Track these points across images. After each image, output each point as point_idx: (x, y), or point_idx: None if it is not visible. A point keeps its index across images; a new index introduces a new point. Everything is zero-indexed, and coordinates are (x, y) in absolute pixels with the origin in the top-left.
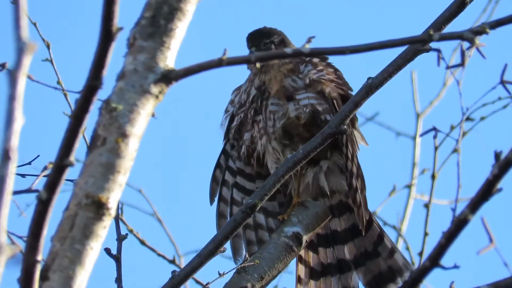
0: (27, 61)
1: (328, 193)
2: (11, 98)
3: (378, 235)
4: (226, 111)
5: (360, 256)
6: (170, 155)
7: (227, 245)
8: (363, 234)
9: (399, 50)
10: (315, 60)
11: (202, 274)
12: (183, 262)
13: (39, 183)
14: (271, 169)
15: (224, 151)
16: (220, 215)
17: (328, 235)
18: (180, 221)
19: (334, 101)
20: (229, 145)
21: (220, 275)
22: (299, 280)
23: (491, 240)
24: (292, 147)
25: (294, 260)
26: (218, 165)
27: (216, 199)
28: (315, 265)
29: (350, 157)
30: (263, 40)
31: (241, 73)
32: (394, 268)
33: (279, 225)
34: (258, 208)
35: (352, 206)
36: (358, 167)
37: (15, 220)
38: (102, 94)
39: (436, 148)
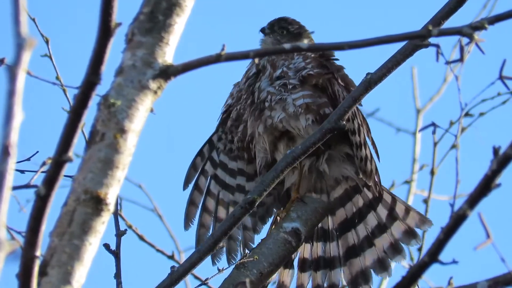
0: (26, 56)
1: (331, 182)
2: (11, 93)
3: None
4: (225, 103)
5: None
6: (170, 151)
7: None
8: (378, 197)
9: (398, 45)
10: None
11: (201, 270)
12: (183, 258)
13: (38, 178)
14: (258, 158)
15: (209, 141)
16: (191, 203)
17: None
18: (180, 216)
19: (335, 92)
20: (216, 136)
21: (219, 270)
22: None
23: (488, 236)
24: (282, 142)
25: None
26: (200, 153)
27: (191, 186)
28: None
29: (360, 143)
30: (280, 24)
31: (241, 68)
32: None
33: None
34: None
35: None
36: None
37: (15, 216)
38: (101, 89)
39: (435, 144)
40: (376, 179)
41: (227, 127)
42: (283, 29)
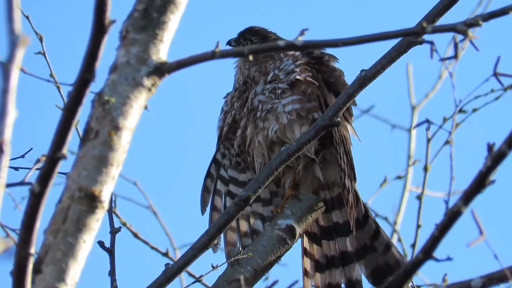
0: (20, 54)
1: (327, 185)
2: (4, 91)
3: (374, 230)
4: (219, 118)
5: (361, 248)
6: (166, 148)
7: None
8: (353, 234)
9: (393, 42)
10: (296, 53)
11: (195, 267)
12: (178, 255)
13: (32, 176)
14: (256, 162)
15: (214, 160)
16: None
17: (331, 228)
18: (175, 214)
19: (319, 98)
20: (220, 154)
21: (213, 267)
22: (305, 273)
23: (481, 233)
24: (278, 146)
25: (297, 254)
26: (208, 175)
27: (208, 208)
28: (319, 257)
29: (342, 155)
30: (245, 35)
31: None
32: (390, 263)
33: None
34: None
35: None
36: (351, 165)
37: (10, 213)
38: (95, 86)
39: (428, 140)
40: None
41: (224, 134)
42: (248, 41)
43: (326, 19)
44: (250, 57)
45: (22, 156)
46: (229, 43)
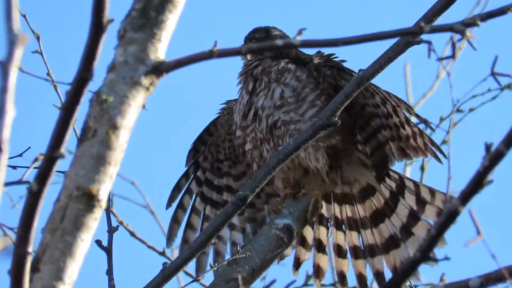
0: (18, 53)
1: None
2: (3, 90)
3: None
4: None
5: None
6: (163, 147)
7: None
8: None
9: (391, 42)
10: (291, 67)
11: (193, 266)
12: (175, 254)
13: (30, 174)
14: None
15: (195, 162)
16: (174, 221)
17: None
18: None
19: None
20: (202, 157)
21: (211, 267)
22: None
23: (478, 232)
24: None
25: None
26: (185, 174)
27: (176, 205)
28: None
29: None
30: (250, 36)
31: (232, 65)
32: None
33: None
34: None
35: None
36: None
37: (8, 212)
38: (93, 86)
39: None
40: (435, 149)
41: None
42: (253, 40)
43: (324, 19)
44: (248, 56)
45: (20, 155)
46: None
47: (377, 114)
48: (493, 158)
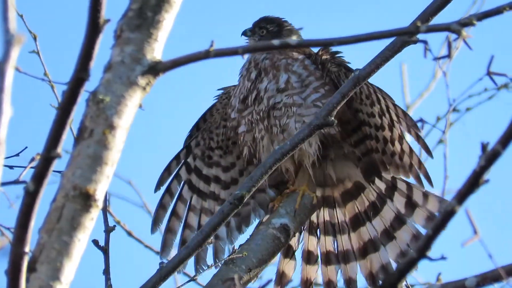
0: (15, 53)
1: (337, 181)
2: None
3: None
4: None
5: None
6: (160, 147)
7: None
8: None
9: (387, 42)
10: (307, 62)
11: (189, 266)
12: (173, 254)
13: (27, 174)
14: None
15: (187, 146)
16: (161, 206)
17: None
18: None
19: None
20: (194, 141)
21: (208, 266)
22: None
23: (475, 232)
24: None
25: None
26: (176, 157)
27: (164, 189)
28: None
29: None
30: (260, 24)
31: (230, 65)
32: None
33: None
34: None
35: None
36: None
37: (4, 212)
38: (89, 85)
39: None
40: (421, 173)
41: (211, 125)
42: (263, 29)
43: (320, 18)
44: (245, 57)
45: (17, 155)
46: (244, 33)
47: (369, 123)
48: (490, 157)
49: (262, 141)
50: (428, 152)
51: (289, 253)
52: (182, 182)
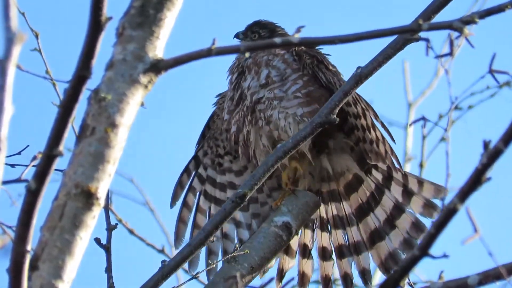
0: (16, 51)
1: (334, 175)
2: (1, 88)
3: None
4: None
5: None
6: (162, 145)
7: None
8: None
9: (389, 39)
10: (287, 56)
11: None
12: (174, 252)
13: (29, 173)
14: (259, 160)
15: (195, 157)
16: (180, 221)
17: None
18: (172, 210)
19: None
20: (202, 151)
21: (210, 264)
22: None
23: (476, 230)
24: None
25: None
26: (186, 170)
27: (180, 204)
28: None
29: (368, 126)
30: (253, 28)
31: (231, 63)
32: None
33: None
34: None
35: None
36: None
37: (6, 210)
38: (91, 83)
39: (424, 137)
40: (394, 160)
41: (214, 132)
42: (255, 33)
43: (322, 17)
44: (247, 54)
45: (19, 153)
46: (236, 35)
47: (348, 112)
48: (492, 155)
49: (249, 136)
50: (391, 137)
51: (305, 252)
52: (198, 193)
